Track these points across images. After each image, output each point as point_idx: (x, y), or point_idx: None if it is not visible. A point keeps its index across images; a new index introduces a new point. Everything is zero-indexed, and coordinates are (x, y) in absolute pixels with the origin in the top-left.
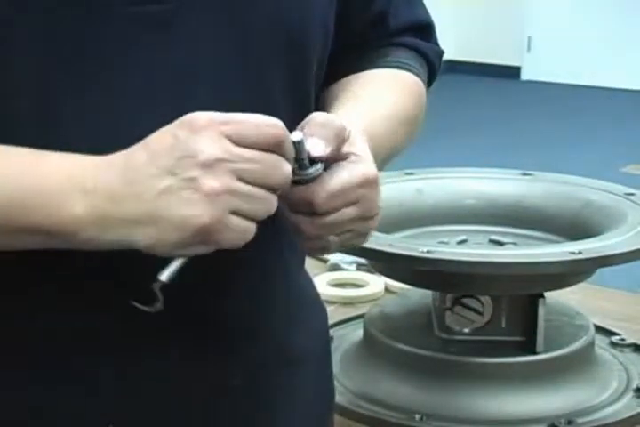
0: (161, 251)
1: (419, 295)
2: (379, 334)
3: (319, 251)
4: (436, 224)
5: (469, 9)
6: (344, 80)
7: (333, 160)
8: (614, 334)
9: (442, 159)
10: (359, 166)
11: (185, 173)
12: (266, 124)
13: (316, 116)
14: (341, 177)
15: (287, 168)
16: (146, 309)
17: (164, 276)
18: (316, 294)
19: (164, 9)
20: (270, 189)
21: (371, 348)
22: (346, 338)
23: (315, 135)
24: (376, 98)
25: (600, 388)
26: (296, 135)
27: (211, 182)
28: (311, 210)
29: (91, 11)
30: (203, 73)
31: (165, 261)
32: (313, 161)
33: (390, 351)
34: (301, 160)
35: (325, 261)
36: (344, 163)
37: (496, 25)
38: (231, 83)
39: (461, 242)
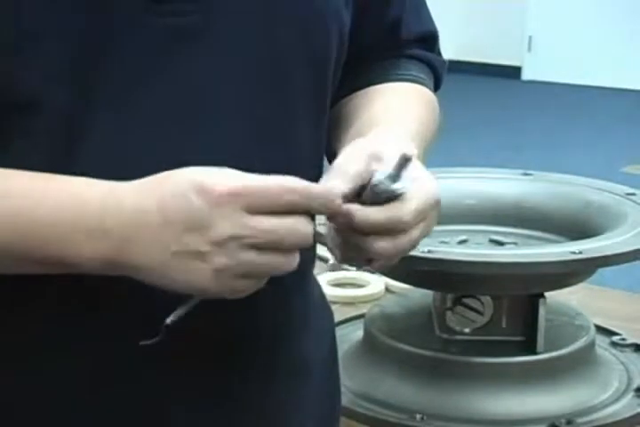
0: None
1: (419, 295)
2: (379, 333)
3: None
4: (437, 224)
5: (470, 8)
6: (370, 92)
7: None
8: (615, 333)
9: (442, 159)
10: (430, 186)
11: (194, 246)
12: (285, 191)
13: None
14: (420, 196)
15: (307, 228)
16: (147, 342)
17: (170, 320)
18: (322, 294)
19: (190, 22)
20: (289, 250)
21: (371, 348)
22: (346, 338)
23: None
24: (420, 117)
25: (601, 388)
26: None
27: (221, 260)
28: (396, 229)
29: (114, 19)
30: (226, 86)
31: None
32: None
33: (391, 351)
34: (396, 176)
35: (326, 260)
36: (414, 183)
37: (497, 25)
38: (255, 97)
39: (462, 242)
